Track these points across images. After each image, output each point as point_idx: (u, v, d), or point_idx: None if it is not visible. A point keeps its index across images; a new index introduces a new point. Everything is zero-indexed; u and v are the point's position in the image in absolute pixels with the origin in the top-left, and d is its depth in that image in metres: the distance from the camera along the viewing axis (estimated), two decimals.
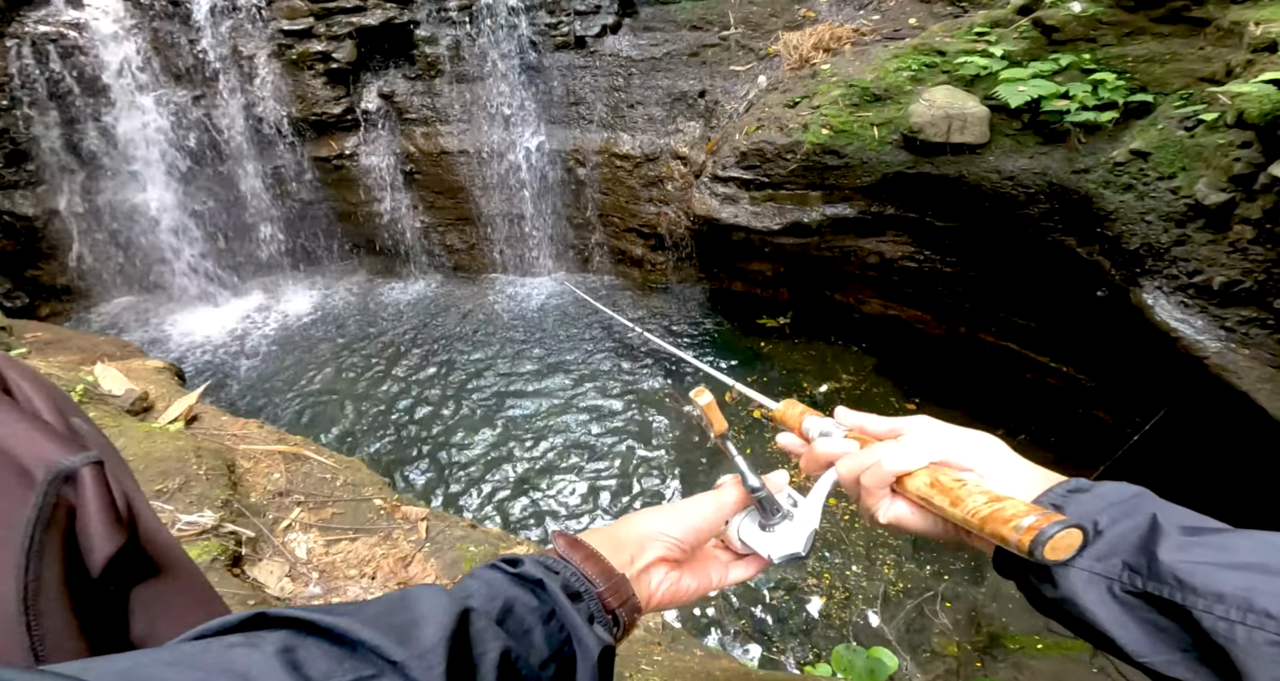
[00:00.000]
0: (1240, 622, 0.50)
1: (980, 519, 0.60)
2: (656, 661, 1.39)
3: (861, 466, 0.71)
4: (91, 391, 2.32)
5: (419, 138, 6.98)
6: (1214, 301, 3.36)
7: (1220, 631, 0.51)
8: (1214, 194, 3.31)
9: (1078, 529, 0.58)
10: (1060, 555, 0.58)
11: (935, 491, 0.64)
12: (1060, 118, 4.05)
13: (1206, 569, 0.53)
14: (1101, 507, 0.61)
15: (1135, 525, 0.59)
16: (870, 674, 1.30)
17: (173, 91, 6.41)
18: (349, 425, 5.42)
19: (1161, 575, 0.54)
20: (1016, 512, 0.58)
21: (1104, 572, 0.58)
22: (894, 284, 5.35)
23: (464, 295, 7.29)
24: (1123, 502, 0.61)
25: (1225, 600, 0.51)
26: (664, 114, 6.38)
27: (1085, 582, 0.58)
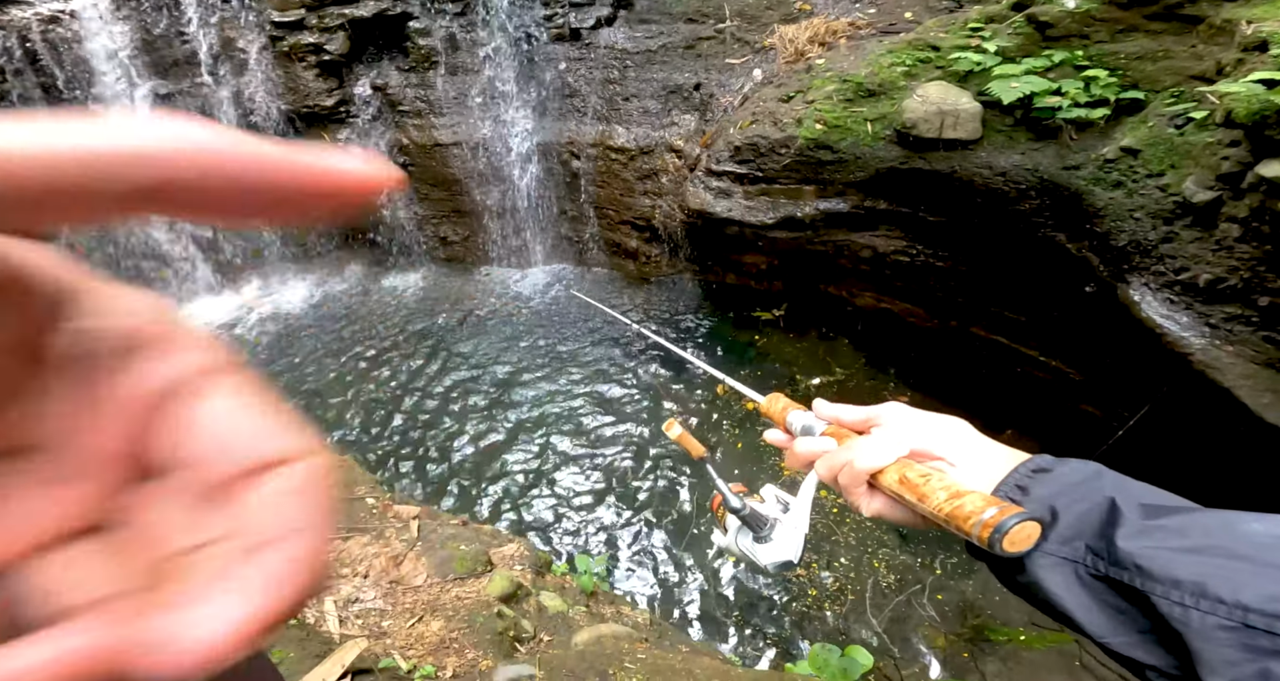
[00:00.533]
0: (1195, 608, 0.51)
1: (945, 515, 0.61)
2: (640, 659, 1.42)
3: (836, 467, 0.72)
4: None
5: (412, 130, 6.96)
6: (1199, 298, 3.39)
7: (1176, 616, 0.52)
8: (1202, 192, 3.34)
9: (1035, 521, 0.59)
10: (1020, 547, 0.59)
11: (904, 488, 0.65)
12: (1052, 114, 4.07)
13: (1164, 554, 0.54)
14: (1061, 489, 0.62)
15: (1095, 507, 0.60)
16: (843, 672, 1.34)
17: (164, 82, 6.38)
18: (340, 420, 5.44)
19: (1121, 560, 0.56)
20: (975, 508, 0.60)
21: (1068, 557, 0.59)
22: (886, 278, 5.38)
23: (458, 287, 7.30)
24: (1083, 483, 0.62)
25: (1181, 586, 0.52)
26: (659, 107, 6.37)
27: (1051, 566, 0.60)
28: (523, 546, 2.37)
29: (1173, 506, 0.59)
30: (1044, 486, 0.63)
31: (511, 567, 2.20)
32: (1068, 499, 0.61)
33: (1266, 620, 0.49)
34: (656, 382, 5.65)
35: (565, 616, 2.04)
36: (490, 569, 2.08)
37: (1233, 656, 0.49)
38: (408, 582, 1.85)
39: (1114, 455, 4.12)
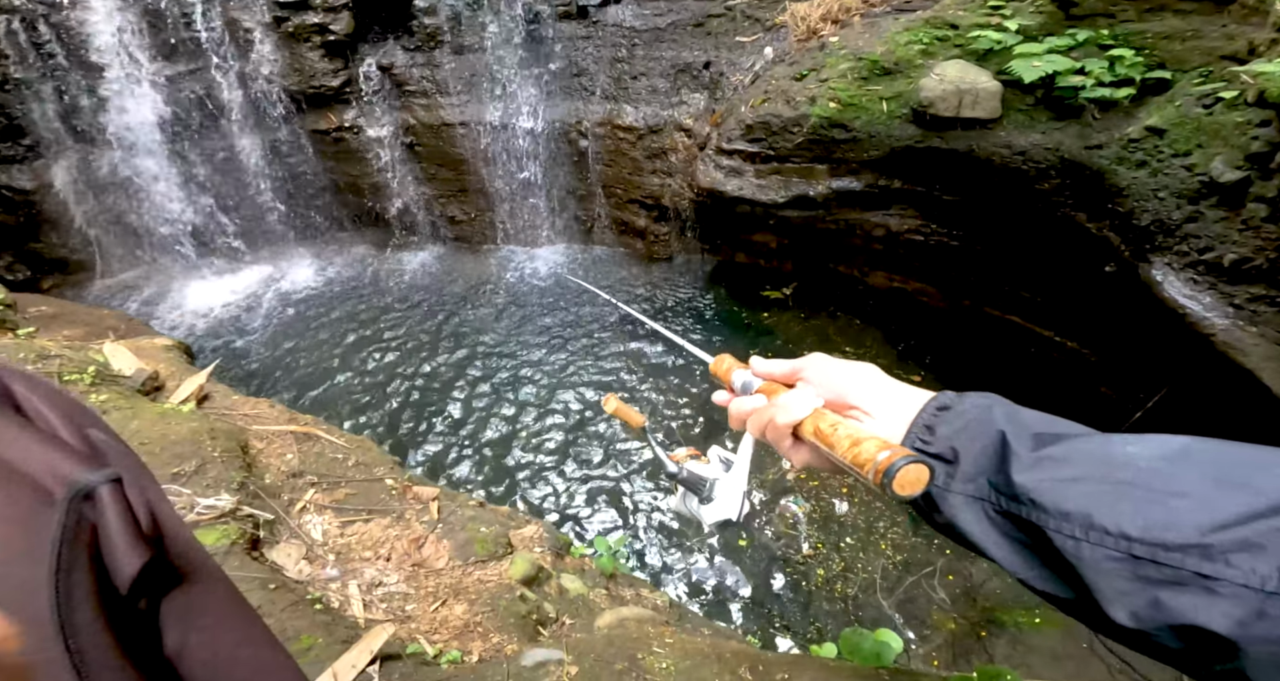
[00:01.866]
0: (1085, 540, 0.50)
1: (849, 462, 0.62)
2: (668, 643, 1.41)
3: (762, 424, 0.73)
4: (103, 372, 2.32)
5: (419, 110, 6.88)
6: (1223, 278, 3.35)
7: (1069, 549, 0.51)
8: (1229, 172, 3.29)
9: (922, 464, 0.58)
10: (910, 490, 0.59)
11: (817, 439, 0.66)
12: (1075, 94, 4.00)
13: (1052, 486, 0.53)
14: (961, 427, 0.62)
15: (990, 443, 0.59)
16: (876, 656, 1.33)
17: (169, 65, 6.31)
18: (353, 399, 5.44)
19: (1018, 495, 0.55)
20: (870, 455, 0.60)
21: (975, 494, 0.59)
22: (900, 257, 5.33)
23: (466, 266, 7.27)
24: (978, 419, 0.61)
25: (1070, 518, 0.52)
26: (668, 85, 6.28)
27: (962, 505, 0.59)
28: (541, 528, 2.37)
29: (1058, 433, 0.58)
30: (947, 425, 0.63)
31: (531, 549, 2.19)
32: (967, 436, 0.61)
33: (1149, 549, 0.48)
34: (665, 362, 5.62)
35: (586, 599, 2.03)
36: (510, 551, 2.07)
37: (1125, 587, 0.49)
38: (430, 566, 1.84)
39: None
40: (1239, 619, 0.44)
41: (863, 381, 0.71)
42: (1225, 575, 0.45)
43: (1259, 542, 0.45)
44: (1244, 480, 0.48)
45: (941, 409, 0.65)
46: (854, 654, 1.37)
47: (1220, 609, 0.45)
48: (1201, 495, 0.48)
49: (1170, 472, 0.51)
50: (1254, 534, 0.45)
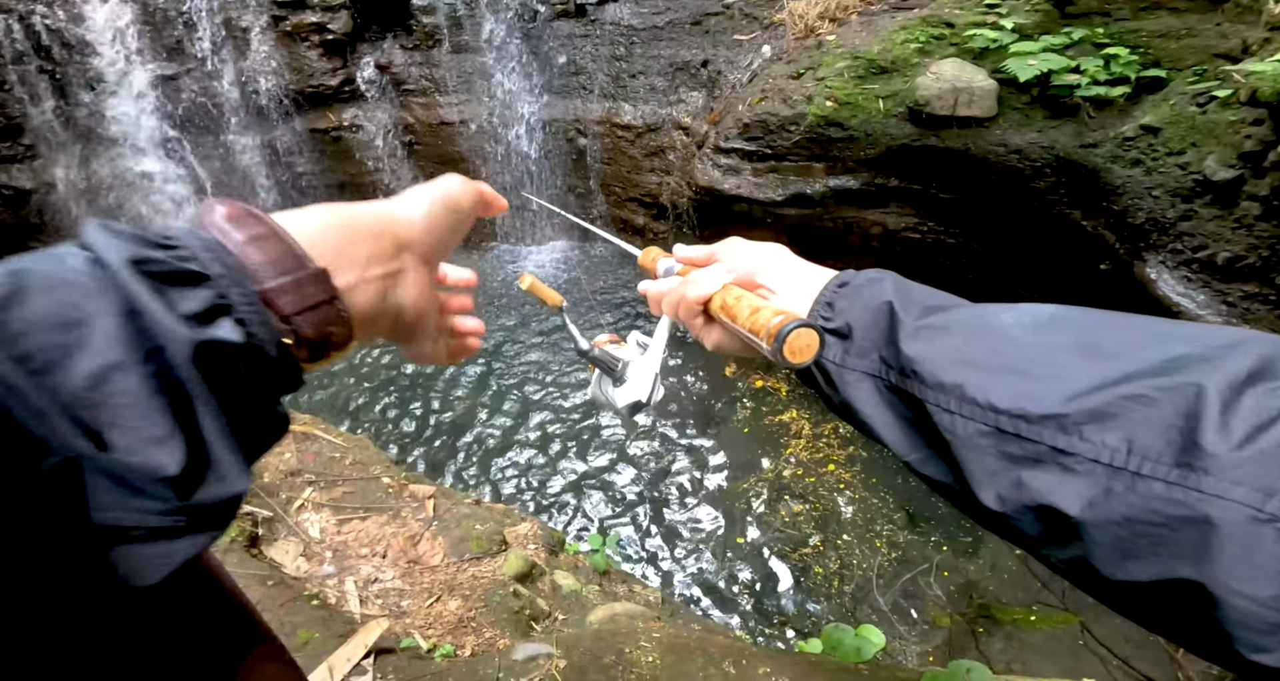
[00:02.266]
0: (959, 413, 0.48)
1: (748, 330, 0.62)
2: (655, 638, 1.44)
3: (675, 300, 0.73)
4: None
5: (418, 108, 6.90)
6: (1217, 276, 3.37)
7: (944, 424, 0.49)
8: (1223, 170, 3.31)
9: (811, 329, 0.58)
10: (801, 357, 0.58)
11: (723, 312, 0.67)
12: (1070, 92, 4.01)
13: (930, 354, 0.52)
14: (856, 301, 0.61)
15: (879, 315, 0.57)
16: (857, 651, 1.35)
17: (167, 64, 6.33)
18: (351, 399, 5.47)
19: (904, 367, 0.53)
20: (765, 320, 0.60)
21: (868, 370, 0.57)
22: (897, 255, 5.34)
23: (463, 264, 7.24)
24: (871, 293, 0.60)
25: (946, 390, 0.49)
26: (666, 84, 6.29)
27: (856, 382, 0.58)
28: (536, 525, 2.39)
29: (941, 305, 0.57)
30: (845, 300, 0.62)
31: (525, 547, 2.22)
32: (860, 308, 0.60)
33: (1014, 422, 0.45)
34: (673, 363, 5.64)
35: (579, 595, 2.06)
36: (505, 548, 2.10)
37: (992, 465, 0.46)
38: (425, 562, 1.87)
39: None
40: (1089, 498, 0.42)
41: (771, 260, 0.71)
42: (1078, 449, 0.43)
43: (1109, 411, 0.42)
44: (1106, 347, 0.46)
45: (841, 285, 0.64)
46: (835, 650, 1.39)
47: (1074, 487, 0.42)
48: (1064, 363, 0.46)
49: (1038, 341, 0.49)
50: (1103, 401, 0.43)
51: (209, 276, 0.38)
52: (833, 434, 4.87)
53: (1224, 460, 0.38)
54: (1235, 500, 0.37)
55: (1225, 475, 0.37)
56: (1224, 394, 0.40)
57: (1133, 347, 0.45)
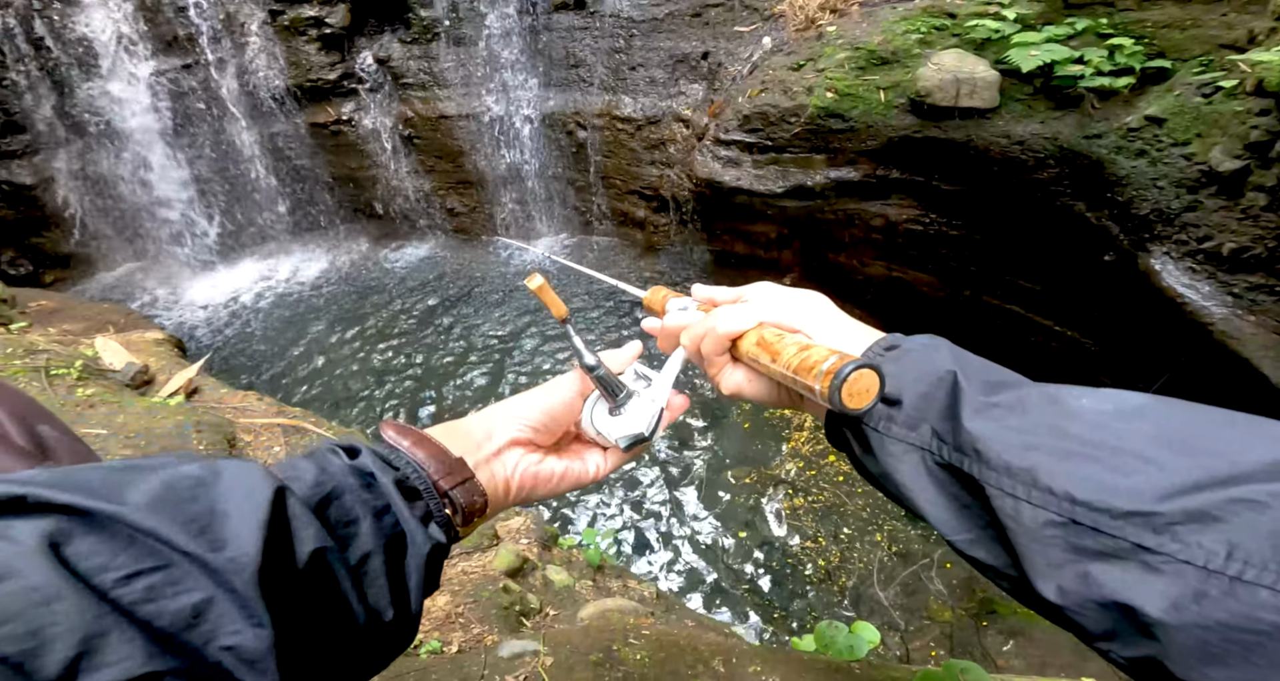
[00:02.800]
0: (1025, 500, 0.46)
1: (793, 369, 0.58)
2: (644, 635, 1.41)
3: (699, 335, 0.69)
4: (91, 366, 2.33)
5: (417, 102, 6.87)
6: (1223, 267, 3.33)
7: (1007, 510, 0.46)
8: (1228, 161, 3.26)
9: (871, 368, 0.54)
10: (859, 402, 0.54)
11: (760, 349, 0.63)
12: (1073, 83, 3.96)
13: (999, 435, 0.48)
14: (907, 367, 0.57)
15: (937, 385, 0.54)
16: (850, 649, 1.33)
17: (165, 59, 6.31)
18: (350, 391, 5.46)
19: (963, 444, 0.50)
20: (819, 358, 0.56)
21: (916, 442, 0.54)
22: (898, 247, 5.31)
23: (465, 258, 7.27)
24: (925, 359, 0.57)
25: (1014, 474, 0.46)
26: (666, 76, 6.25)
27: (901, 454, 0.55)
28: (530, 520, 2.37)
29: (1005, 381, 0.54)
30: (893, 364, 0.58)
31: (518, 541, 2.19)
32: (912, 377, 0.56)
33: (1093, 515, 0.43)
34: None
35: (571, 590, 2.03)
36: (497, 542, 2.08)
37: (1057, 557, 0.44)
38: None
39: None
40: (1174, 600, 0.39)
41: (809, 308, 0.67)
42: (1168, 549, 0.40)
43: (1211, 513, 0.40)
44: (1203, 444, 0.43)
45: (890, 348, 0.61)
46: (828, 647, 1.37)
47: (1156, 587, 0.40)
48: (1155, 457, 0.43)
49: (1124, 430, 0.45)
50: (1207, 503, 0.40)
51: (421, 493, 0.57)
52: None
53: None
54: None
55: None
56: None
57: (1233, 446, 0.42)
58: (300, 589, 0.44)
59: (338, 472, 0.51)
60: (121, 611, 0.35)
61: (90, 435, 1.84)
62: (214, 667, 0.37)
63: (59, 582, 0.34)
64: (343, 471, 0.52)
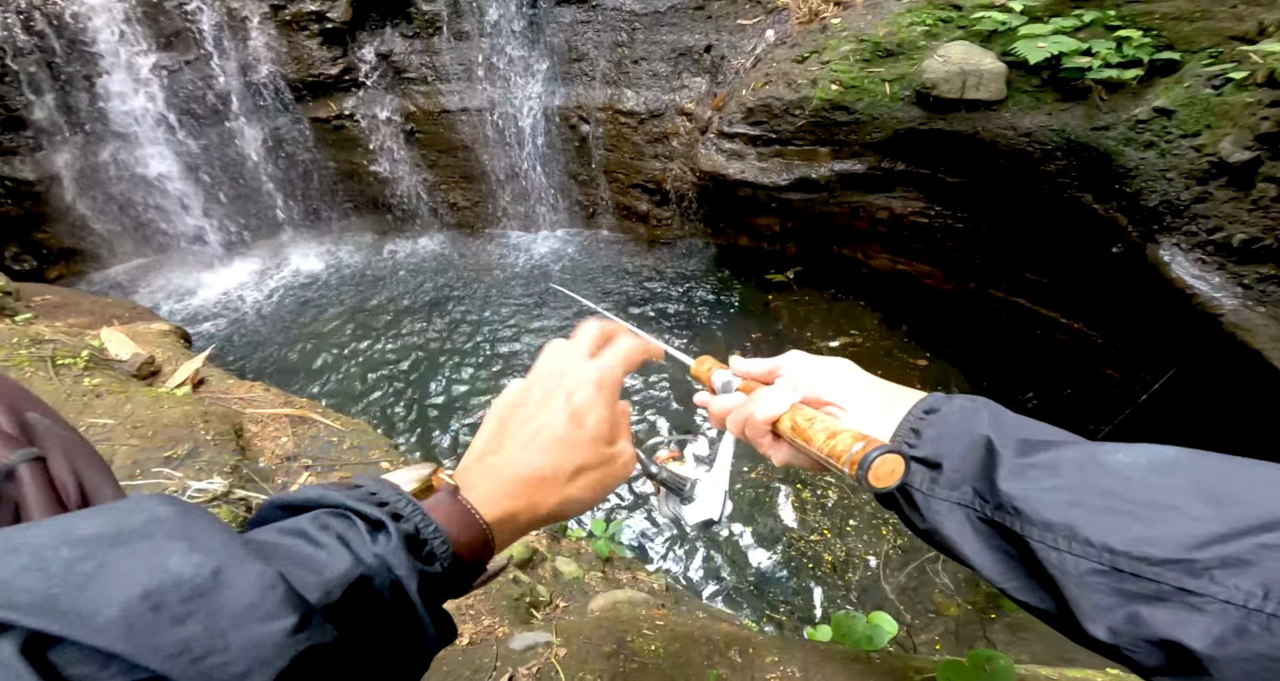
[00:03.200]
0: (1067, 552, 0.50)
1: (825, 454, 0.62)
2: (658, 626, 1.40)
3: (741, 421, 0.73)
4: (97, 357, 2.32)
5: (419, 97, 6.84)
6: (1232, 259, 3.31)
7: (1052, 561, 0.50)
8: (1239, 152, 3.24)
9: (897, 454, 0.58)
10: (885, 482, 0.58)
11: (795, 434, 0.66)
12: (1081, 75, 3.93)
13: (1036, 495, 0.52)
14: (946, 430, 0.61)
15: (974, 448, 0.58)
16: (869, 639, 1.31)
17: (167, 55, 6.28)
18: (355, 385, 5.44)
19: (1002, 504, 0.54)
20: (845, 446, 0.59)
21: (960, 501, 0.58)
22: (903, 239, 5.28)
23: (469, 252, 7.26)
24: (962, 423, 0.60)
25: (1054, 529, 0.51)
26: (669, 70, 6.21)
27: (946, 512, 0.58)
28: None
29: (1046, 440, 0.57)
30: (933, 428, 0.62)
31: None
32: (951, 440, 0.60)
33: (1133, 563, 0.47)
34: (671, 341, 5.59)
35: (581, 582, 2.02)
36: None
37: (1104, 601, 0.48)
38: None
39: (1136, 420, 4.06)
40: (1218, 636, 0.43)
41: (840, 377, 0.71)
42: (1209, 591, 0.44)
43: (1245, 558, 0.44)
44: (1233, 494, 0.47)
45: (929, 412, 0.63)
46: (846, 637, 1.35)
47: (1200, 625, 0.44)
48: (1188, 509, 0.47)
49: (1157, 484, 0.49)
50: (1239, 549, 0.44)
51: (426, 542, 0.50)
52: None
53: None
54: None
55: None
56: None
57: (1261, 495, 0.46)
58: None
59: (357, 565, 0.44)
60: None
61: (97, 425, 1.83)
62: None
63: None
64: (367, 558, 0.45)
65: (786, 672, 1.22)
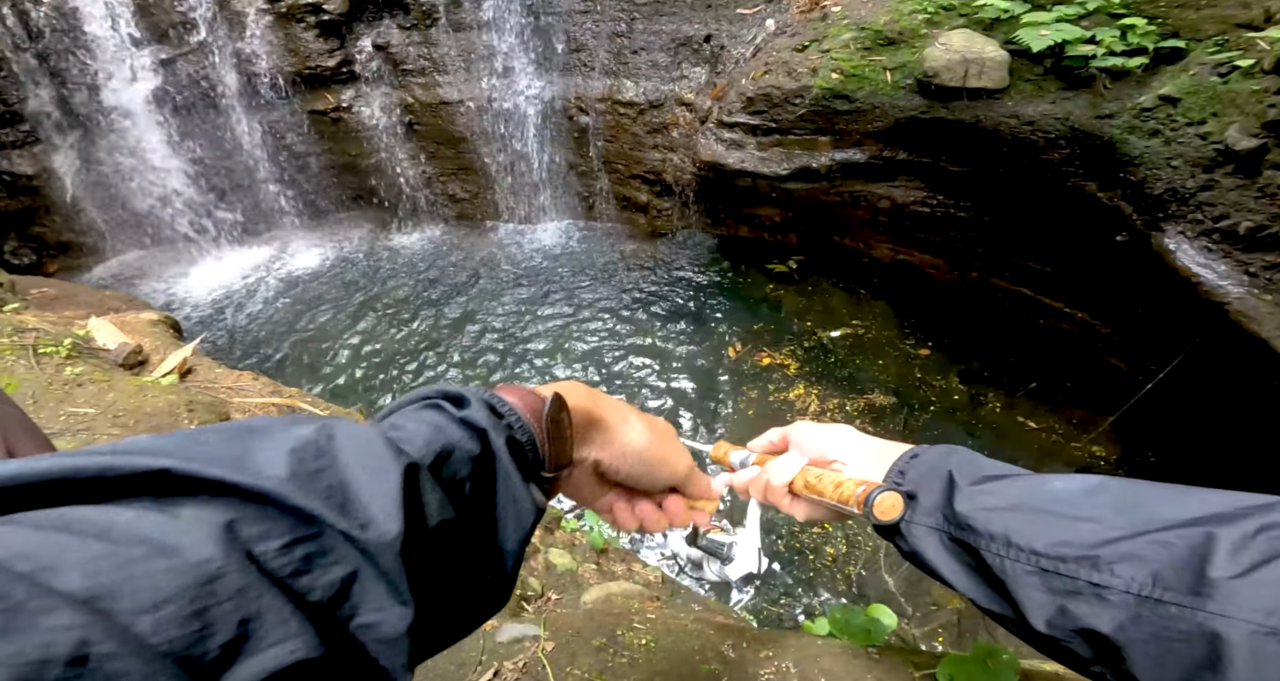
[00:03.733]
0: (1007, 557, 0.59)
1: (837, 500, 0.74)
2: (650, 619, 1.36)
3: (761, 488, 0.86)
4: (81, 345, 2.27)
5: (417, 89, 6.79)
6: (1239, 246, 3.28)
7: (997, 566, 0.60)
8: (1245, 139, 3.20)
9: (894, 491, 0.70)
10: (889, 515, 0.70)
11: (808, 490, 0.78)
12: (1085, 63, 3.89)
13: (984, 514, 0.63)
14: (925, 470, 0.72)
15: (941, 481, 0.69)
16: (867, 633, 1.27)
17: (163, 47, 6.23)
18: (352, 377, 5.41)
19: (960, 523, 0.64)
20: (851, 491, 0.72)
21: (933, 525, 0.68)
22: (905, 229, 5.24)
23: (468, 244, 7.22)
24: (937, 463, 0.72)
25: (995, 538, 0.60)
26: (668, 60, 6.15)
27: (923, 535, 0.69)
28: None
29: (1001, 474, 0.68)
30: (915, 469, 0.74)
31: None
32: (927, 477, 0.71)
33: (1053, 562, 0.56)
34: (669, 342, 5.56)
35: (574, 574, 1.98)
36: None
37: (1040, 599, 0.56)
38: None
39: (1141, 411, 4.02)
40: (1121, 622, 0.51)
41: (840, 439, 0.83)
42: (1111, 583, 0.52)
43: (1138, 553, 0.52)
44: (1142, 507, 0.56)
45: (913, 457, 0.75)
46: (844, 631, 1.31)
47: (1108, 614, 0.52)
48: (1102, 518, 0.56)
49: (1084, 502, 0.59)
50: (1133, 546, 0.53)
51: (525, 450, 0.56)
52: (838, 409, 4.79)
53: (1226, 587, 0.47)
54: (1239, 618, 0.45)
55: (1229, 599, 0.46)
56: (1234, 539, 0.48)
57: (1165, 508, 0.55)
58: (428, 560, 0.43)
59: (447, 428, 0.49)
60: (280, 586, 0.34)
61: (78, 414, 1.79)
62: (356, 648, 0.37)
63: (223, 557, 0.32)
64: (449, 425, 0.50)
65: (781, 668, 1.18)
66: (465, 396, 0.53)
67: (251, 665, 0.31)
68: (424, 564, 0.42)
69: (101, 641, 0.26)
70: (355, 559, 0.37)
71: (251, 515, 0.35)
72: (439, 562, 0.44)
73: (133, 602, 0.28)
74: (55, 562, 0.27)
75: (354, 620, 0.36)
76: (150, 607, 0.28)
